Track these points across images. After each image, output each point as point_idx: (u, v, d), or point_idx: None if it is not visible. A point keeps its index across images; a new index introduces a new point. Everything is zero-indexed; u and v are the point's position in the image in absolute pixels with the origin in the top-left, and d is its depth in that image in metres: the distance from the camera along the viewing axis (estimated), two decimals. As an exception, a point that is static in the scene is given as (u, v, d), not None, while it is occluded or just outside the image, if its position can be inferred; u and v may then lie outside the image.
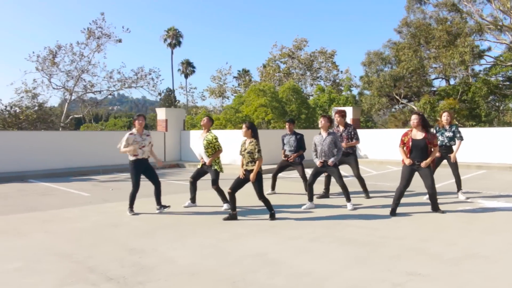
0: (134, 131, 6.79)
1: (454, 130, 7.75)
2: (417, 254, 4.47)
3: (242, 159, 6.22)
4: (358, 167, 8.07)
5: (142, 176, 6.82)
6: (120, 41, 24.76)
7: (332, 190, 8.40)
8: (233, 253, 4.56)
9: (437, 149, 6.57)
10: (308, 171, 8.76)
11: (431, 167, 6.51)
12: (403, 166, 6.54)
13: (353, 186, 8.75)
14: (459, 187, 7.86)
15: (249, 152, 6.08)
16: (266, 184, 6.61)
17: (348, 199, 7.01)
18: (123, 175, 12.71)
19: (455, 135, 7.73)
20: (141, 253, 4.60)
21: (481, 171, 13.07)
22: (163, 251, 4.66)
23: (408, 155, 6.46)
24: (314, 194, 7.30)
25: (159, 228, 5.80)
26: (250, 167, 6.12)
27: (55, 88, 24.20)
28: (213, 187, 6.99)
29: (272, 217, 6.20)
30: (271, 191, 8.72)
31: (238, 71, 44.30)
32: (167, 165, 15.54)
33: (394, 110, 30.29)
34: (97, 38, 24.14)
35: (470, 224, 5.85)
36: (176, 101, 51.07)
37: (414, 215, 6.45)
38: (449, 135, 7.71)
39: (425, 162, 6.34)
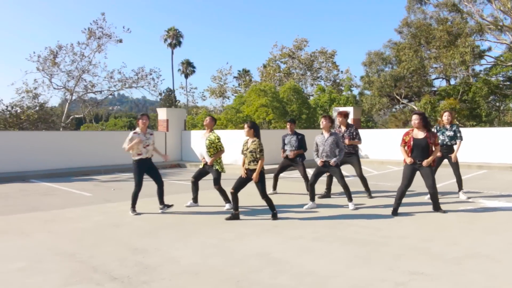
0: (138, 130, 6.82)
1: (455, 129, 7.77)
2: (419, 253, 4.48)
3: (244, 158, 6.24)
4: (361, 166, 8.11)
5: (145, 176, 6.84)
6: (120, 41, 24.81)
7: (333, 190, 8.42)
8: (236, 253, 4.57)
9: (439, 148, 6.58)
10: (310, 171, 8.78)
11: (432, 167, 6.52)
12: (405, 165, 6.55)
13: (355, 186, 8.76)
14: (460, 187, 7.88)
15: (251, 151, 6.10)
16: (268, 184, 6.62)
17: (350, 199, 7.03)
18: (124, 175, 12.73)
19: (456, 135, 7.75)
20: (144, 252, 4.62)
21: (482, 171, 13.09)
22: (166, 251, 4.68)
23: (409, 155, 6.48)
24: (315, 194, 7.32)
25: (161, 228, 5.82)
26: (252, 166, 6.13)
27: (56, 88, 24.26)
28: (215, 187, 7.01)
29: (274, 216, 6.21)
30: (273, 191, 8.74)
31: (238, 71, 44.32)
32: (168, 165, 15.55)
33: (394, 110, 30.30)
34: (98, 38, 24.20)
35: (472, 223, 5.87)
36: (176, 101, 51.04)
37: (416, 215, 6.46)
38: (450, 134, 7.73)
39: (426, 160, 6.35)
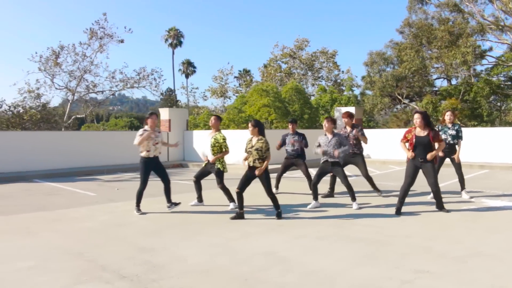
0: (147, 128, 6.88)
1: (457, 129, 7.82)
2: (423, 252, 4.53)
3: (248, 155, 6.27)
4: (366, 167, 8.12)
5: (150, 175, 6.89)
6: (122, 41, 24.87)
7: (336, 190, 8.46)
8: (243, 252, 4.62)
9: (443, 144, 6.58)
10: (312, 171, 8.82)
11: (434, 165, 6.55)
12: (407, 163, 6.58)
13: (358, 186, 8.81)
14: (462, 186, 7.93)
15: (257, 149, 6.13)
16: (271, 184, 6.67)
17: (353, 199, 7.07)
18: (127, 175, 12.79)
19: (458, 134, 7.79)
20: (152, 251, 4.66)
21: (484, 170, 13.13)
22: (173, 250, 4.72)
23: (410, 151, 6.49)
24: (318, 194, 7.36)
25: (167, 227, 5.87)
26: (257, 164, 6.17)
27: (58, 89, 24.31)
28: (219, 186, 7.04)
29: (279, 216, 6.25)
30: (275, 190, 8.77)
31: (239, 71, 44.33)
32: (171, 165, 15.60)
33: (395, 110, 30.33)
34: (100, 38, 24.24)
35: (475, 223, 5.92)
36: (177, 101, 51.08)
37: (419, 214, 6.51)
38: (452, 133, 7.77)
39: (430, 154, 6.34)
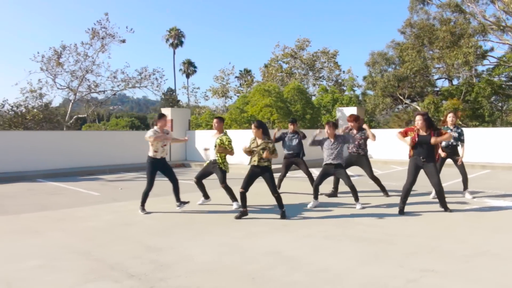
0: (157, 129, 6.92)
1: (460, 131, 7.85)
2: (428, 251, 4.56)
3: (248, 148, 6.30)
4: (371, 168, 8.11)
5: (156, 176, 6.92)
6: (124, 41, 24.84)
7: (340, 189, 8.49)
8: (249, 251, 4.66)
9: (448, 135, 6.41)
10: (312, 171, 8.85)
11: (436, 165, 6.58)
12: (409, 161, 6.59)
13: (360, 186, 8.84)
14: (465, 186, 7.95)
15: (263, 148, 6.17)
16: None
17: (356, 200, 7.10)
18: (129, 175, 12.83)
19: (460, 137, 7.82)
20: (158, 251, 4.70)
21: (485, 170, 13.16)
22: (179, 249, 4.76)
23: (412, 151, 6.53)
24: (322, 193, 7.39)
25: (172, 226, 5.90)
26: (263, 164, 6.21)
27: (60, 88, 24.33)
28: (222, 185, 7.06)
29: (283, 215, 6.29)
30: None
31: (240, 71, 44.32)
32: (173, 165, 15.62)
33: (397, 110, 30.34)
34: (102, 38, 24.24)
35: (478, 222, 5.95)
36: (178, 101, 51.09)
37: (422, 213, 6.54)
38: (454, 135, 7.79)
39: (437, 138, 6.27)
